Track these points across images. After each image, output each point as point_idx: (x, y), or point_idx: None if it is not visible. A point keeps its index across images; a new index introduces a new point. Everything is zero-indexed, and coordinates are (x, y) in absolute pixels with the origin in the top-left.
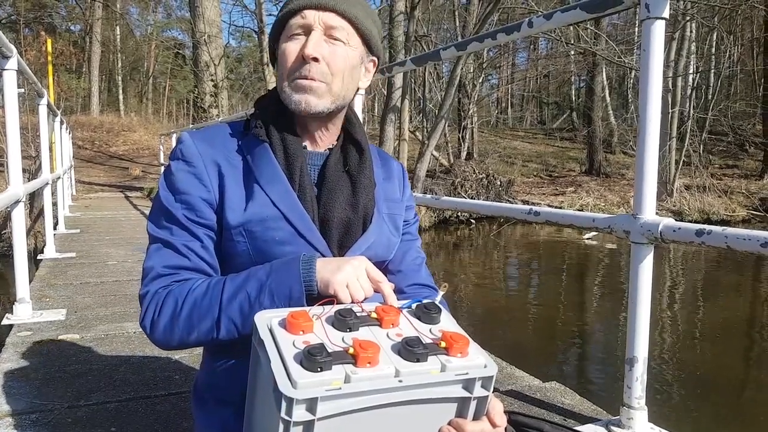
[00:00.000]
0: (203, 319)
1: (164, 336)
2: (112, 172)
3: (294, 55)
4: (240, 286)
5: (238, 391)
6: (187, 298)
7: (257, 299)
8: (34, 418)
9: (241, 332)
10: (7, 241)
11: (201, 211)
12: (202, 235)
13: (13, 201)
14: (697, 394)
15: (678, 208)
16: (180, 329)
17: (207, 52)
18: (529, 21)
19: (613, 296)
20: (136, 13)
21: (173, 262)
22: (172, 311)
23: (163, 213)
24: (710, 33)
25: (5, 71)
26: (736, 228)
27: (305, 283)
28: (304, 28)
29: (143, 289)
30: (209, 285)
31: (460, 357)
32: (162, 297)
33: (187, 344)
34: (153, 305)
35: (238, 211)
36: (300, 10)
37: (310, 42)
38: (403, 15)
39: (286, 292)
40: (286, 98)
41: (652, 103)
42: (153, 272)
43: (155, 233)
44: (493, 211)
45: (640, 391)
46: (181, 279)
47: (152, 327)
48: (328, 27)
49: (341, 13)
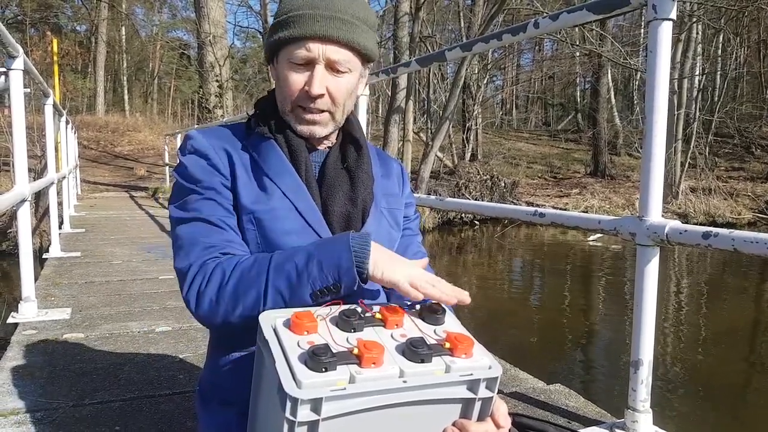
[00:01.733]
0: (250, 289)
1: (209, 309)
2: (117, 172)
3: (298, 87)
4: (288, 257)
5: (242, 390)
6: (235, 269)
7: (305, 268)
8: (39, 417)
9: (288, 303)
10: (12, 240)
11: (225, 194)
12: (233, 213)
13: (19, 200)
14: (702, 397)
15: (683, 210)
16: (225, 301)
17: (212, 53)
18: (535, 22)
19: (617, 298)
20: (142, 14)
21: (215, 235)
22: (219, 282)
23: (191, 195)
24: (717, 35)
25: (11, 71)
26: (743, 230)
27: (357, 256)
28: (306, 59)
29: (184, 262)
30: (257, 258)
31: (465, 358)
32: (210, 268)
33: (230, 319)
34: (200, 276)
35: (249, 199)
36: (304, 40)
37: (315, 80)
38: (407, 16)
39: (335, 262)
40: (290, 122)
41: (659, 105)
42: (197, 246)
43: (186, 214)
44: (497, 213)
45: (645, 394)
46: (227, 252)
47: (198, 299)
48: (332, 61)
49: (345, 43)
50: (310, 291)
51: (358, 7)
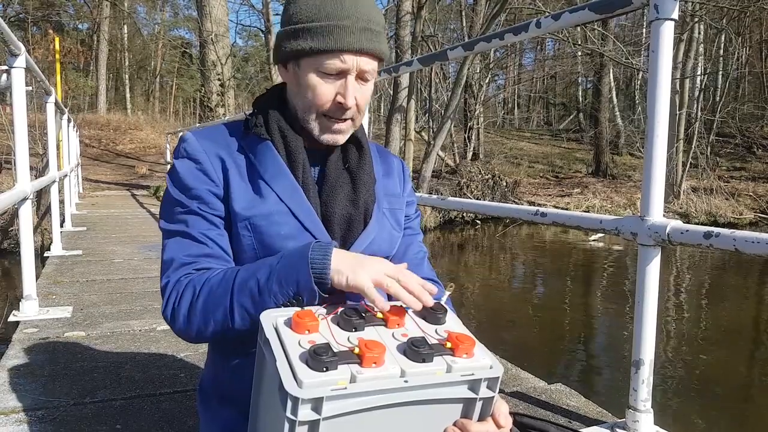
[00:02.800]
0: (218, 307)
1: (184, 325)
2: (118, 171)
3: (329, 98)
4: (252, 272)
5: (243, 389)
6: (204, 286)
7: (266, 285)
8: (40, 415)
9: (255, 320)
10: (14, 238)
11: (212, 203)
12: (218, 223)
13: (20, 198)
14: (704, 397)
15: (685, 210)
16: (197, 318)
17: (214, 51)
18: (538, 21)
19: (618, 298)
20: (144, 12)
21: (193, 250)
22: (190, 300)
23: (176, 207)
24: (718, 35)
25: (14, 69)
26: (745, 230)
27: (315, 269)
28: (340, 70)
29: (164, 280)
30: (225, 273)
31: (466, 358)
32: (183, 285)
33: (205, 335)
34: (174, 294)
35: (243, 205)
36: (339, 52)
37: (349, 92)
38: (409, 15)
39: (293, 278)
40: (312, 129)
41: (661, 105)
42: (174, 262)
43: (171, 227)
44: (498, 212)
45: (646, 394)
46: (202, 267)
47: (173, 316)
48: (363, 72)
49: (375, 54)
50: (273, 306)
51: (378, 14)
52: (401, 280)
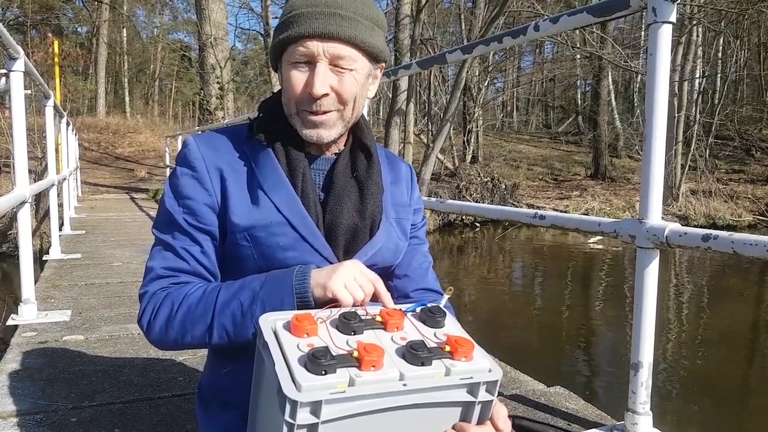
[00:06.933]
0: (197, 324)
1: (159, 337)
2: (117, 174)
3: (300, 87)
4: (234, 294)
5: (242, 393)
6: (183, 302)
7: (249, 309)
8: (39, 419)
9: (232, 339)
10: (12, 241)
11: (202, 216)
12: (202, 240)
13: (19, 202)
14: (702, 399)
15: (684, 212)
16: (174, 332)
17: (213, 55)
18: (536, 24)
19: (617, 300)
20: (143, 16)
21: (172, 264)
22: (168, 314)
23: (167, 216)
24: (717, 37)
25: (12, 72)
26: (743, 233)
27: (298, 294)
28: (307, 57)
29: (143, 289)
30: (205, 291)
31: (465, 361)
32: (160, 299)
33: (181, 346)
34: (150, 306)
35: (242, 216)
36: (303, 38)
37: (317, 79)
38: (408, 18)
39: (277, 304)
40: (296, 126)
41: (659, 107)
42: (153, 273)
43: (158, 235)
44: (498, 215)
45: (644, 397)
46: (179, 282)
47: (148, 327)
48: (335, 57)
49: (347, 40)
50: (253, 330)
51: (361, 4)
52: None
